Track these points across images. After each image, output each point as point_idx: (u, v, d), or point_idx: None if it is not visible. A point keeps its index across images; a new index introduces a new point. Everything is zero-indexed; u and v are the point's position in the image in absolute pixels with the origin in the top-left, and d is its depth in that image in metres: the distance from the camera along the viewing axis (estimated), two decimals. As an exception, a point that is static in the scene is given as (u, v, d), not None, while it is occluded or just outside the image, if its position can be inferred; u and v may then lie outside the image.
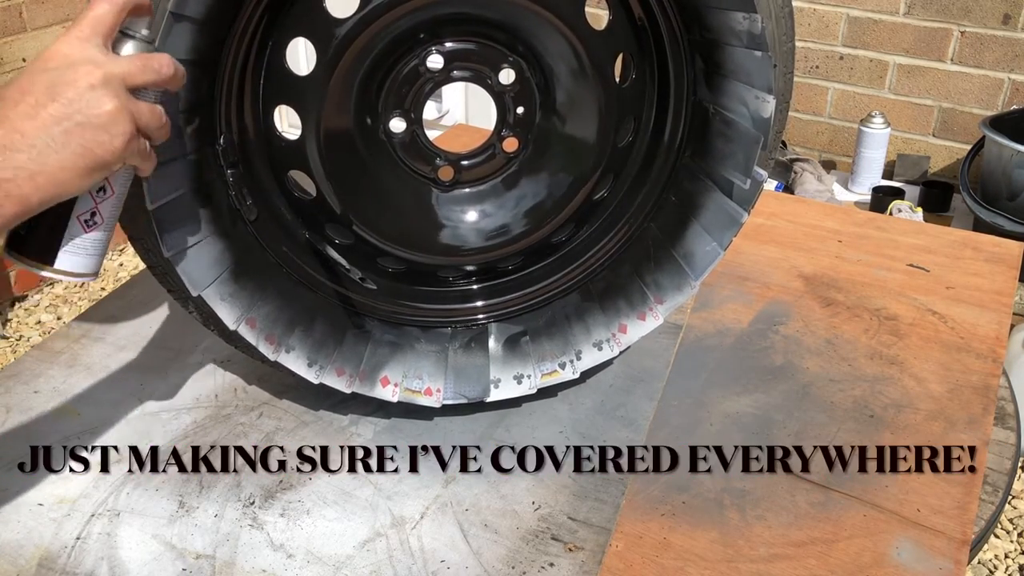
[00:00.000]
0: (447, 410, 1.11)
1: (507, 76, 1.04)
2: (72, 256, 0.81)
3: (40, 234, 0.79)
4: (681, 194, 1.08)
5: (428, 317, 1.15)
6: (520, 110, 1.06)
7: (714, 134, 1.02)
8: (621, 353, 1.12)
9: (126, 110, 0.75)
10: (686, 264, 1.07)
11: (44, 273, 0.81)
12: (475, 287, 1.17)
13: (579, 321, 1.13)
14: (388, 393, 1.08)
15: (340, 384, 1.06)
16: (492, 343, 1.14)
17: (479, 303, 1.16)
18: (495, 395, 1.10)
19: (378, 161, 1.07)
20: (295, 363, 1.04)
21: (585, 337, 1.12)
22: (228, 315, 0.99)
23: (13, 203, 0.70)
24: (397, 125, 1.05)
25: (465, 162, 1.10)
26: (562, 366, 1.11)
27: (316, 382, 1.05)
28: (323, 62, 0.97)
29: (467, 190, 1.12)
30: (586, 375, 1.13)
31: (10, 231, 0.78)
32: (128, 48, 0.80)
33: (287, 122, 1.18)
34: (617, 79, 1.07)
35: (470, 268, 1.16)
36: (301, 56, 1.03)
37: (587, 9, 1.00)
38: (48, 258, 0.80)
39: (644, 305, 1.10)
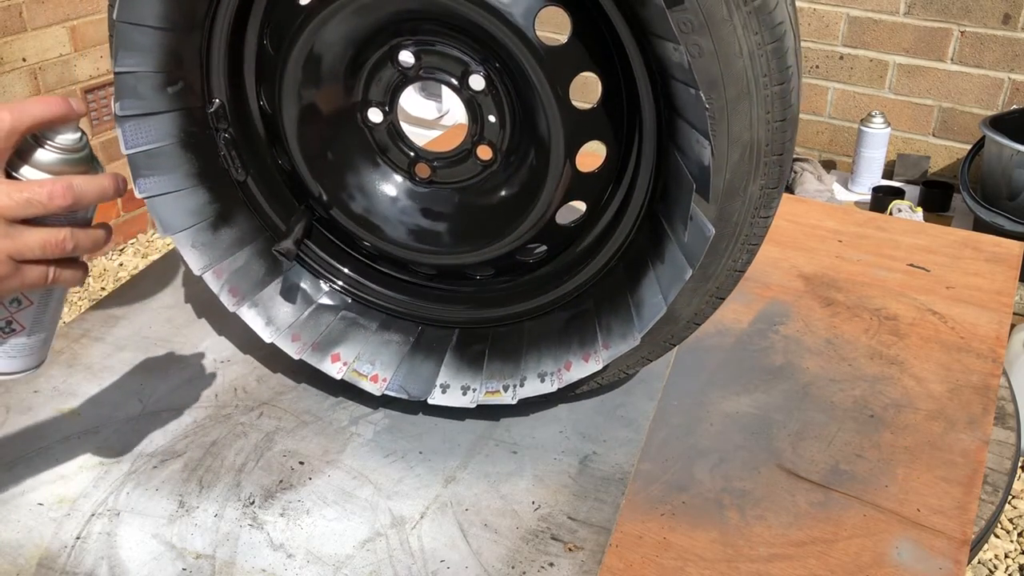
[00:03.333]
0: (447, 411, 1.11)
1: (477, 82, 0.98)
2: None
3: None
4: (650, 236, 0.99)
5: (397, 308, 1.16)
6: (491, 119, 1.00)
7: (670, 175, 0.93)
8: (559, 391, 1.04)
9: None
10: (636, 313, 0.98)
11: None
12: (445, 289, 1.15)
13: (534, 348, 1.07)
14: (334, 370, 1.10)
15: (291, 350, 1.08)
16: (452, 349, 1.12)
17: (447, 306, 1.15)
18: (438, 399, 1.08)
19: (352, 148, 1.08)
20: (253, 319, 1.07)
21: (534, 365, 1.06)
22: (195, 262, 1.04)
23: None
24: (374, 116, 1.05)
25: (437, 162, 1.08)
26: (505, 388, 1.06)
27: (268, 341, 1.07)
28: (289, 44, 0.98)
29: (440, 190, 1.09)
30: (524, 403, 1.06)
31: None
32: (38, 158, 0.70)
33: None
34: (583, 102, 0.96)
35: (438, 270, 1.14)
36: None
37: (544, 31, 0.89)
38: None
39: (592, 346, 1.02)
